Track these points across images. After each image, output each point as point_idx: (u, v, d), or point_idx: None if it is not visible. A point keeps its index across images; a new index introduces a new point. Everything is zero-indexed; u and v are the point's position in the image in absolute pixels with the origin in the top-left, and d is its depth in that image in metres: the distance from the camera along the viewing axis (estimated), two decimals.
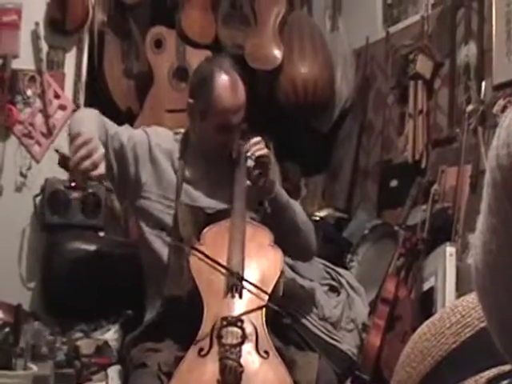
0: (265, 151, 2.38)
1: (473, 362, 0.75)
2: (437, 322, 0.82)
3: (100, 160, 2.07)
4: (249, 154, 2.36)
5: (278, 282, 2.21)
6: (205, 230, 2.26)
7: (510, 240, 0.56)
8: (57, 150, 2.15)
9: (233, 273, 2.09)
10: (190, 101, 2.46)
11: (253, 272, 2.17)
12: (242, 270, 2.12)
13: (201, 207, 2.39)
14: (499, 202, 0.56)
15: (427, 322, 0.84)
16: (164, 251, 2.36)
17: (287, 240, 2.37)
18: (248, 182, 2.41)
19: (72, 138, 2.12)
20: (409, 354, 0.83)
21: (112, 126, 2.43)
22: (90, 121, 2.31)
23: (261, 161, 2.35)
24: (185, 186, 2.42)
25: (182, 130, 2.56)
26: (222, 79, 2.39)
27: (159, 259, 2.36)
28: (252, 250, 2.21)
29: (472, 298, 0.82)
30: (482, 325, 0.78)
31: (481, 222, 0.59)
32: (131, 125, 3.74)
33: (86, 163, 2.04)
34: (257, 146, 2.37)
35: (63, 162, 2.11)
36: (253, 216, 2.43)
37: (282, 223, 2.42)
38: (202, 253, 2.11)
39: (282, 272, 2.24)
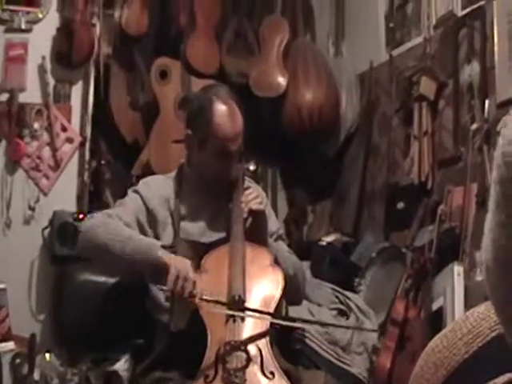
0: (260, 207, 2.37)
1: (485, 370, 0.75)
2: (449, 334, 0.82)
3: (194, 283, 2.17)
4: (245, 208, 2.34)
5: (280, 301, 2.23)
6: (205, 256, 2.27)
7: None
8: (162, 289, 2.25)
9: (234, 308, 2.10)
10: (188, 132, 2.46)
11: (254, 294, 2.18)
12: (244, 293, 2.14)
13: (200, 242, 2.38)
14: (507, 198, 0.59)
15: (439, 335, 0.85)
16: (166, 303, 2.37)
17: None
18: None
19: (153, 269, 2.24)
20: (422, 366, 0.83)
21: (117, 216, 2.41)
22: (128, 230, 2.33)
23: (255, 217, 2.35)
24: (182, 223, 2.42)
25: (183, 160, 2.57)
26: (220, 108, 2.39)
27: (163, 307, 2.37)
28: (253, 272, 2.22)
29: (482, 309, 0.82)
30: (494, 334, 0.78)
31: (489, 219, 0.61)
32: (137, 156, 3.79)
33: (187, 291, 2.16)
34: (254, 201, 2.36)
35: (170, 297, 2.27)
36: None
37: None
38: (200, 298, 2.14)
39: (285, 290, 2.24)
